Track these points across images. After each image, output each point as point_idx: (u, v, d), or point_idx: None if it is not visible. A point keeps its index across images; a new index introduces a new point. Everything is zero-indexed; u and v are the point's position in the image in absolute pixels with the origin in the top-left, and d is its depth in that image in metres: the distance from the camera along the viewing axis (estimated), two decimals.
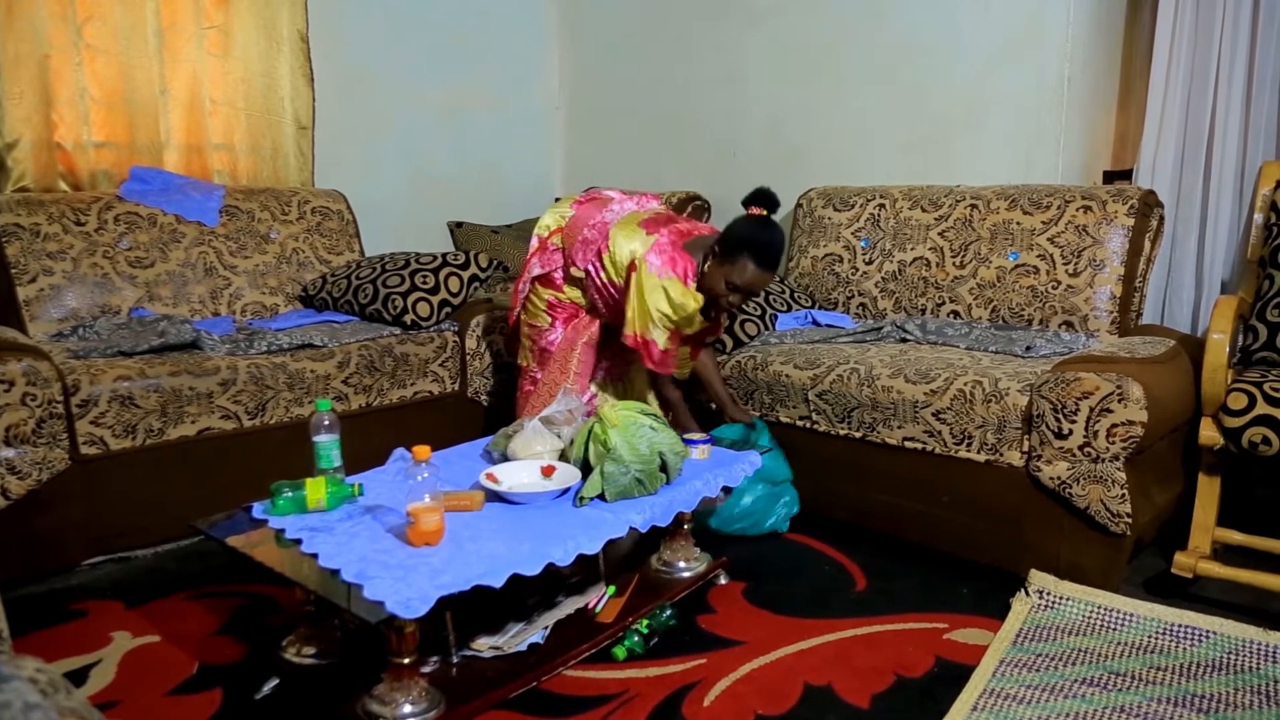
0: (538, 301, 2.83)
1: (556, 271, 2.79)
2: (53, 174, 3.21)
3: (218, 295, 3.30)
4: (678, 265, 2.57)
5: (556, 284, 2.79)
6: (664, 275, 2.55)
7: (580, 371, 2.78)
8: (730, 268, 2.50)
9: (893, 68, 3.59)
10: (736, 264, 2.48)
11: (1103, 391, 2.22)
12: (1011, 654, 2.05)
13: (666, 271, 2.55)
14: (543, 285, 2.82)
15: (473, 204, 4.43)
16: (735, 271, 2.49)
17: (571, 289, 2.80)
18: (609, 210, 2.76)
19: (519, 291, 2.88)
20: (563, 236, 2.80)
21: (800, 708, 1.88)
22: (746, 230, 2.50)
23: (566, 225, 2.80)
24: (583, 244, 2.71)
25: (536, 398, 2.81)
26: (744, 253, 2.47)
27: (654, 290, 2.55)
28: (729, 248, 2.51)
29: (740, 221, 2.53)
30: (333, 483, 2.00)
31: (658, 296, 2.55)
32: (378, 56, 4.06)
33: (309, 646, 1.98)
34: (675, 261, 2.57)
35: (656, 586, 2.30)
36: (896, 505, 2.62)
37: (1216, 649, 2.06)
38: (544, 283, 2.81)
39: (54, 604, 2.33)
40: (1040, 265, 2.96)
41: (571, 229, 2.77)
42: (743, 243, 2.49)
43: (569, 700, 1.90)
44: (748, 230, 2.50)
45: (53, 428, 2.40)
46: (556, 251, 2.80)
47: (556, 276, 2.79)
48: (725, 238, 2.54)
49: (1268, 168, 2.77)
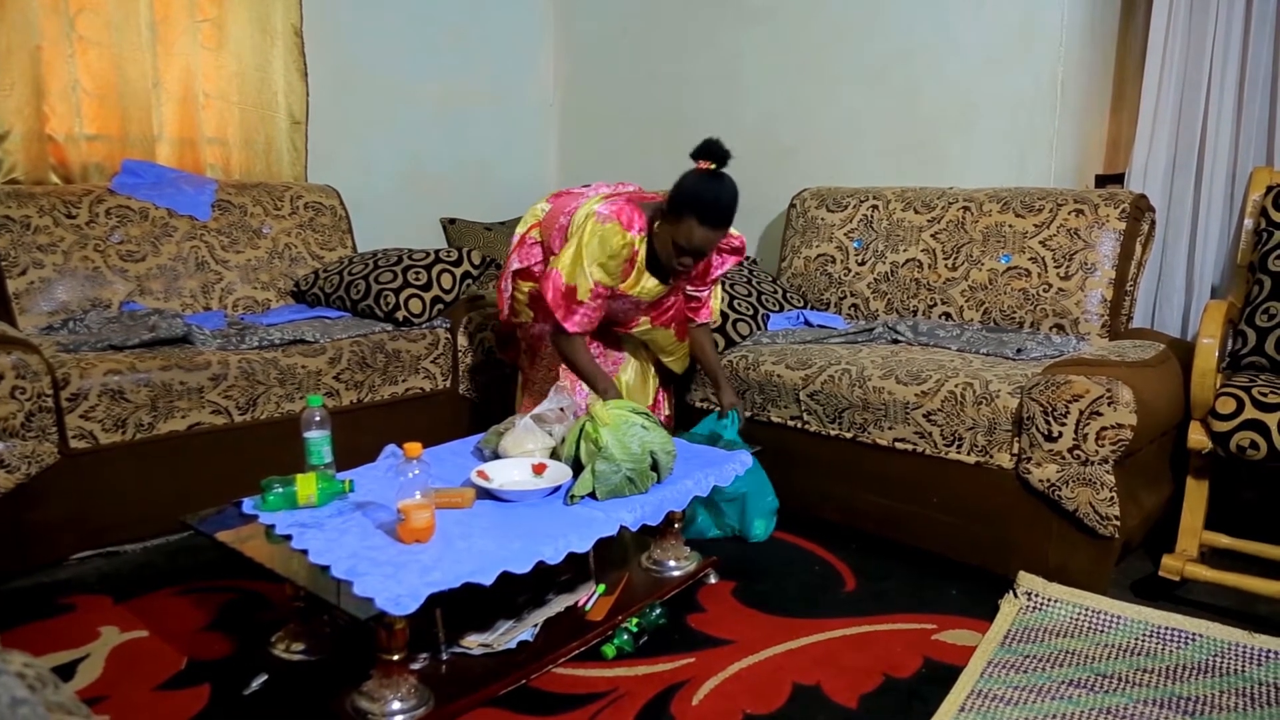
0: (520, 297, 2.81)
1: (535, 265, 2.77)
2: (44, 166, 3.19)
3: (209, 290, 3.29)
4: (623, 214, 2.45)
5: (535, 276, 2.77)
6: (606, 223, 2.44)
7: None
8: (676, 228, 2.36)
9: (886, 69, 3.59)
10: (682, 224, 2.34)
11: (1092, 395, 2.23)
12: (999, 655, 2.06)
13: (609, 219, 2.44)
14: (523, 279, 2.80)
15: (466, 201, 4.42)
16: (681, 232, 2.35)
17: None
18: (584, 198, 2.70)
19: (502, 290, 2.85)
20: (540, 230, 2.77)
21: (788, 707, 1.88)
22: (693, 187, 2.34)
23: (544, 218, 2.77)
24: (559, 232, 2.65)
25: (528, 396, 2.80)
26: (689, 212, 2.33)
27: (591, 234, 2.44)
28: (675, 206, 2.36)
29: (689, 177, 2.36)
30: (323, 479, 2.00)
31: (594, 242, 2.43)
32: (372, 52, 4.05)
33: (298, 642, 1.98)
34: (622, 211, 2.46)
35: (646, 585, 2.30)
36: (886, 506, 2.63)
37: (1203, 652, 2.07)
38: (523, 276, 2.79)
39: (42, 598, 2.32)
40: (1032, 268, 2.97)
41: (548, 220, 2.73)
42: (688, 201, 2.33)
43: (558, 698, 1.90)
44: (694, 187, 2.33)
45: (42, 421, 2.39)
46: (535, 245, 2.78)
47: (536, 270, 2.77)
48: (672, 195, 2.38)
49: (1258, 174, 2.78)
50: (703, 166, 2.35)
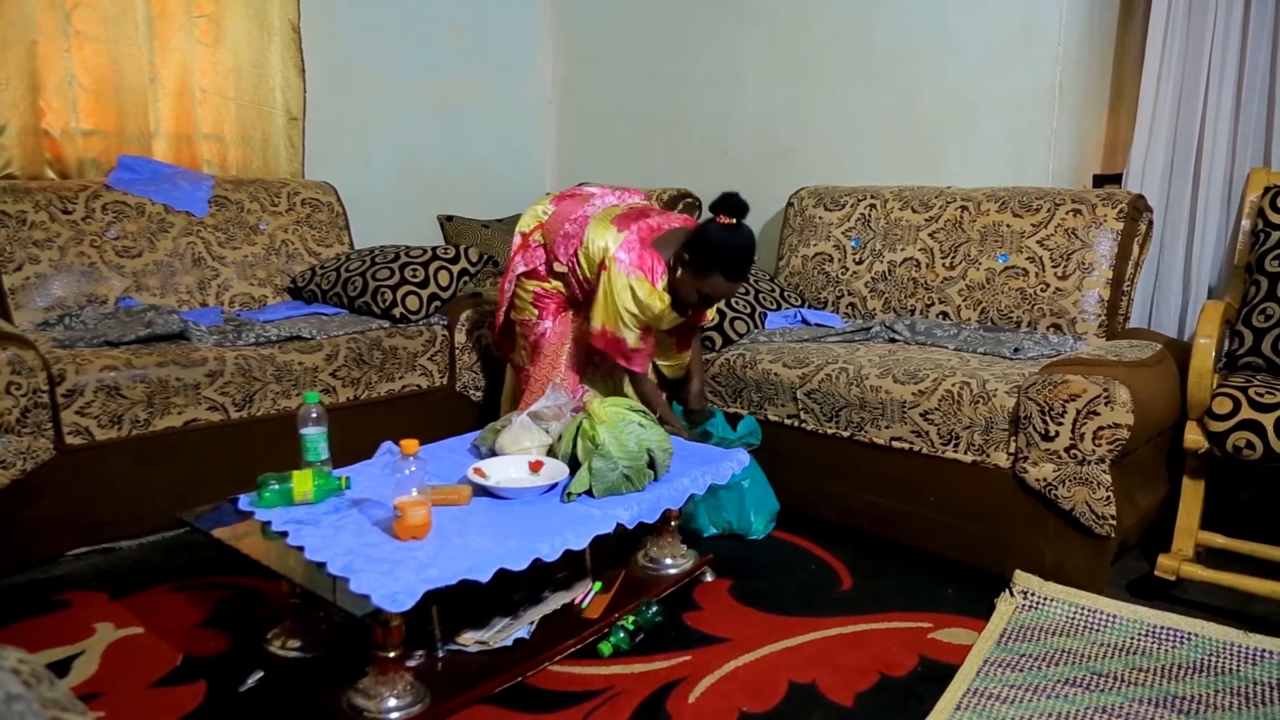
0: (524, 295, 2.83)
1: (540, 267, 2.79)
2: (40, 161, 3.18)
3: (206, 286, 3.28)
4: (645, 263, 2.53)
5: (541, 276, 2.79)
6: (632, 275, 2.52)
7: (570, 366, 2.78)
8: (702, 281, 2.47)
9: (885, 69, 3.59)
10: (709, 279, 2.46)
11: (1090, 394, 2.23)
12: (995, 654, 2.06)
13: (635, 271, 2.52)
14: (527, 279, 2.81)
15: (463, 198, 4.42)
16: (707, 285, 2.47)
17: (556, 280, 2.79)
18: (590, 205, 2.74)
19: (504, 290, 2.87)
20: (544, 232, 2.79)
21: (784, 705, 1.88)
22: (718, 243, 2.44)
23: (547, 221, 2.79)
24: (564, 239, 2.70)
25: (530, 394, 2.80)
26: (716, 268, 2.44)
27: (622, 289, 2.52)
28: (701, 260, 2.46)
29: (714, 230, 2.45)
30: (320, 476, 2.00)
31: (626, 296, 2.52)
32: (370, 48, 4.05)
33: (294, 639, 1.97)
34: (644, 259, 2.53)
35: (643, 583, 2.30)
36: (883, 505, 2.63)
37: (1198, 651, 2.07)
38: (529, 277, 2.81)
39: (37, 594, 2.32)
40: (1029, 268, 2.98)
41: (553, 225, 2.76)
42: (714, 258, 2.44)
43: (554, 696, 1.90)
44: (719, 243, 2.44)
45: (37, 417, 2.38)
46: (539, 248, 2.80)
47: (541, 271, 2.79)
48: (697, 248, 2.47)
49: (1256, 174, 2.79)
50: (724, 221, 2.44)
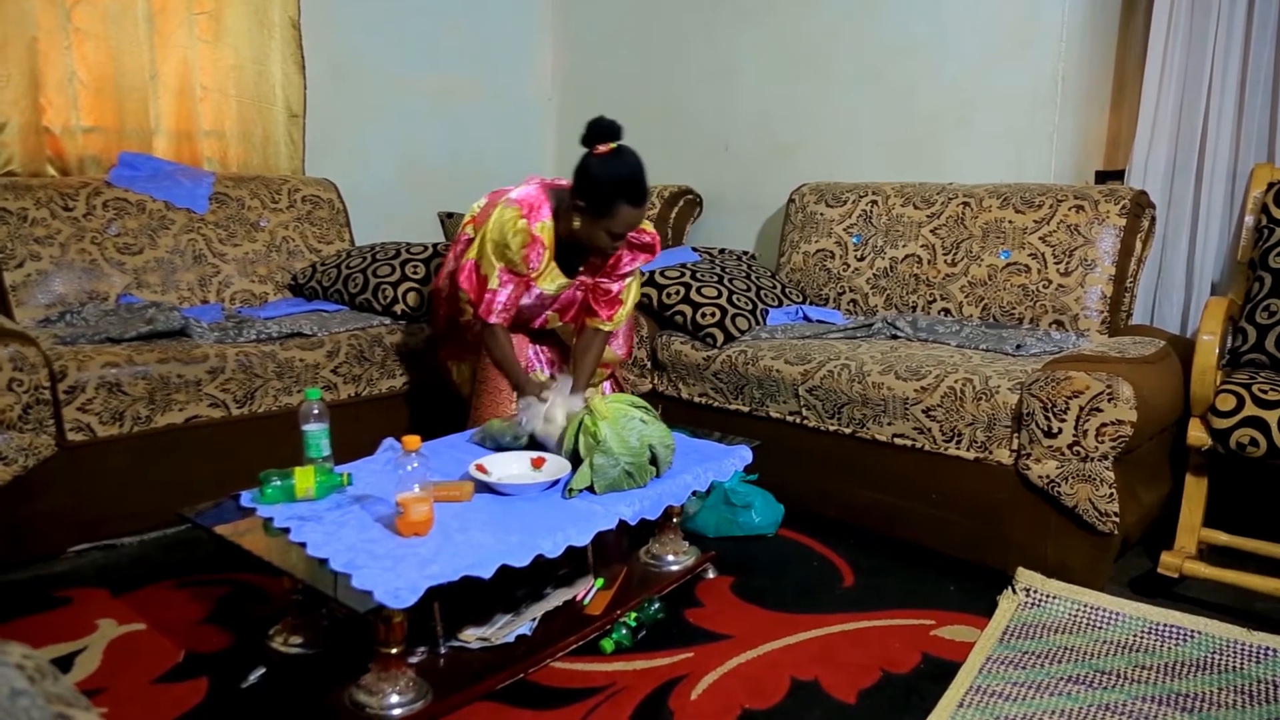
0: (462, 295, 2.68)
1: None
2: (40, 158, 3.18)
3: (206, 283, 3.28)
4: (526, 199, 2.44)
5: None
6: (508, 205, 2.42)
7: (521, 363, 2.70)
8: (610, 220, 2.34)
9: (886, 65, 3.59)
10: (616, 215, 2.33)
11: (1092, 391, 2.22)
12: (998, 651, 2.06)
13: (510, 202, 2.43)
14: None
15: (464, 194, 4.37)
16: (615, 222, 2.35)
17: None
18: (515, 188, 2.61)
19: (440, 290, 2.78)
20: (474, 225, 2.69)
21: (787, 702, 1.88)
22: (610, 174, 2.32)
23: (478, 215, 2.71)
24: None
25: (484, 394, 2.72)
26: (619, 199, 2.31)
27: (494, 221, 2.43)
28: (599, 199, 2.33)
29: (596, 164, 2.32)
30: (321, 472, 1.99)
31: (494, 225, 2.43)
32: (370, 45, 4.04)
33: (296, 636, 1.97)
34: (526, 198, 2.44)
35: (645, 580, 2.30)
36: (885, 502, 2.63)
37: (1201, 648, 2.07)
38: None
39: (39, 591, 2.32)
40: (1031, 264, 2.97)
41: (482, 215, 2.66)
42: (613, 190, 2.31)
43: (556, 692, 1.90)
44: (611, 173, 2.32)
45: (39, 414, 2.38)
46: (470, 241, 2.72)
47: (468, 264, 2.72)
48: (588, 190, 2.33)
49: (1259, 170, 2.78)
50: (604, 150, 2.33)
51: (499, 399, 2.67)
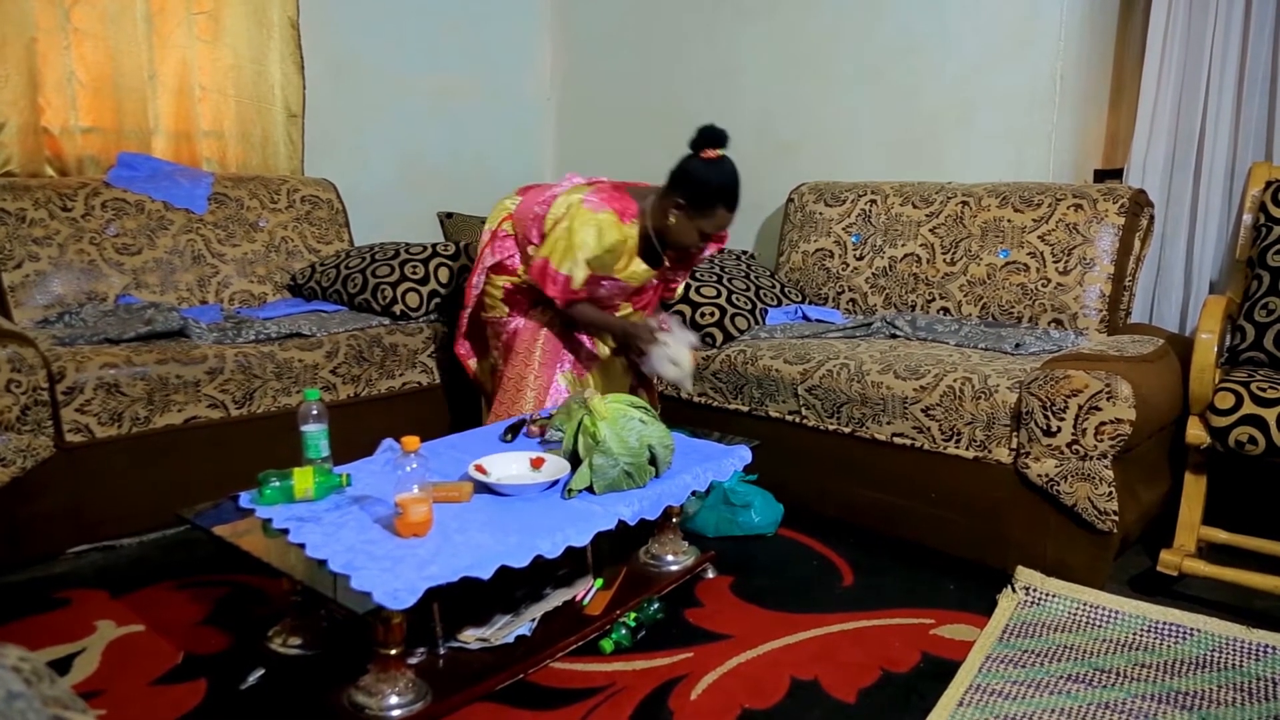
0: (494, 292, 2.80)
1: (510, 258, 2.76)
2: (39, 159, 3.17)
3: (205, 283, 3.28)
4: (615, 203, 2.53)
5: (511, 270, 2.76)
6: (600, 210, 2.51)
7: (546, 361, 2.75)
8: (705, 220, 2.48)
9: (885, 64, 3.59)
10: (714, 215, 2.48)
11: (1091, 389, 2.22)
12: (998, 650, 2.06)
13: (602, 207, 2.51)
14: (496, 274, 2.79)
15: (463, 194, 4.41)
16: (711, 222, 2.49)
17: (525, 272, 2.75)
18: (558, 188, 2.71)
19: (473, 286, 2.83)
20: (513, 222, 2.76)
21: (786, 702, 1.88)
22: (714, 177, 2.45)
23: (516, 210, 2.77)
24: (534, 221, 2.66)
25: (504, 393, 2.76)
26: (718, 202, 2.46)
27: (585, 225, 2.50)
28: (700, 199, 2.46)
29: (702, 167, 2.45)
30: (320, 473, 1.99)
31: (588, 231, 2.49)
32: (369, 45, 4.04)
33: (295, 637, 1.97)
34: (613, 199, 2.54)
35: (644, 580, 2.30)
36: (884, 501, 2.63)
37: (1201, 646, 2.07)
38: (498, 271, 2.78)
39: (38, 592, 2.31)
40: (1030, 263, 2.97)
41: (522, 212, 2.73)
42: (716, 192, 2.45)
43: (556, 693, 1.90)
44: (716, 177, 2.45)
45: (37, 415, 2.38)
46: (508, 238, 2.77)
47: (510, 263, 2.76)
48: (691, 188, 2.46)
49: (1257, 169, 2.78)
50: (711, 155, 2.44)
51: (519, 398, 2.72)
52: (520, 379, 2.72)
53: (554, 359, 2.75)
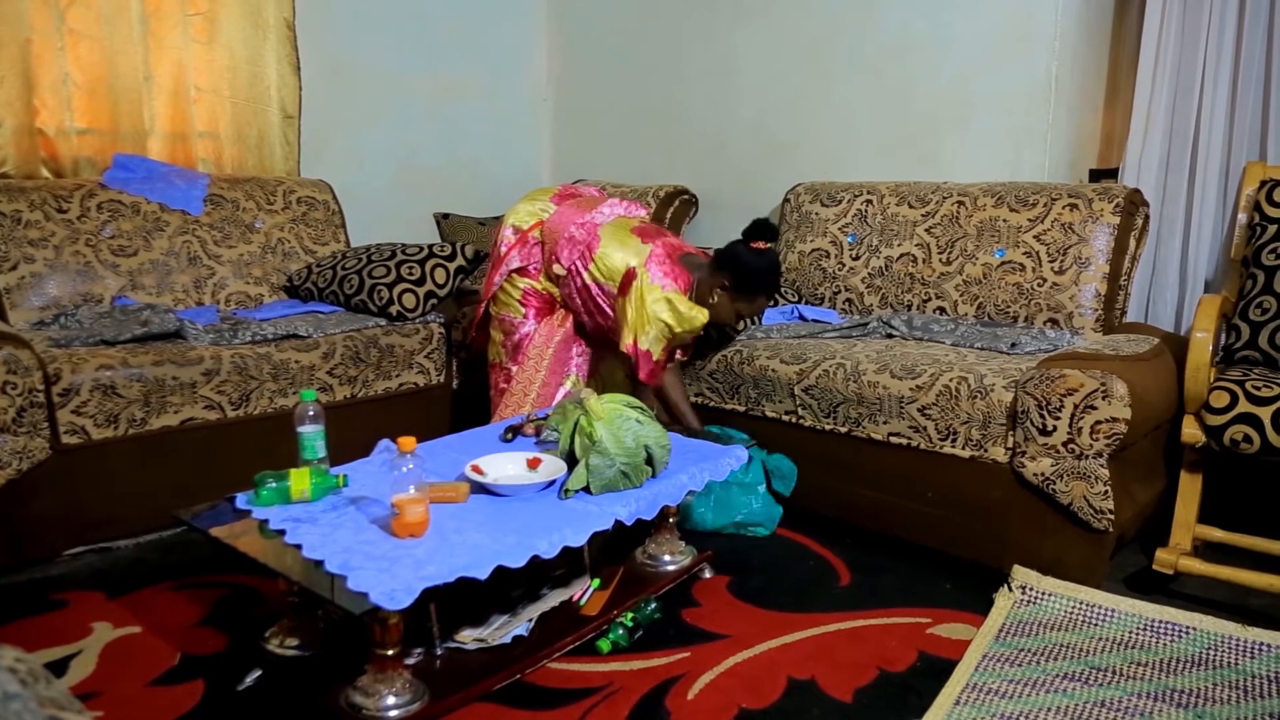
0: (511, 291, 2.83)
1: (533, 266, 2.79)
2: (34, 160, 3.17)
3: (202, 284, 3.27)
4: (679, 279, 2.64)
5: (532, 275, 2.79)
6: (669, 288, 2.61)
7: (554, 368, 2.77)
8: (747, 304, 2.71)
9: (881, 64, 3.59)
10: (755, 302, 2.71)
11: (1087, 389, 2.23)
12: (994, 649, 2.06)
13: (670, 284, 2.62)
14: (519, 276, 2.81)
15: (459, 195, 4.41)
16: (753, 307, 2.74)
17: (547, 280, 2.79)
18: (597, 212, 2.76)
19: (493, 283, 2.86)
20: (543, 231, 2.79)
21: (783, 701, 1.89)
22: (764, 269, 2.64)
23: (549, 221, 2.79)
24: (568, 242, 2.70)
25: (510, 395, 2.79)
26: (761, 291, 2.68)
27: (657, 301, 2.59)
28: (746, 285, 2.64)
29: (752, 256, 2.62)
30: (317, 474, 1.99)
31: (661, 307, 2.59)
32: (365, 46, 4.04)
33: (292, 638, 1.97)
34: (677, 275, 2.64)
35: (641, 580, 2.30)
36: (881, 500, 2.63)
37: (1196, 645, 2.07)
38: (520, 274, 2.81)
39: (34, 594, 2.31)
40: (1026, 262, 2.98)
41: (556, 226, 2.76)
42: (761, 282, 2.65)
43: (553, 693, 1.90)
44: (765, 269, 2.64)
45: (33, 417, 2.37)
46: (537, 245, 2.80)
47: (532, 269, 2.79)
48: (740, 274, 2.63)
49: (1251, 168, 2.78)
50: (761, 247, 2.63)
51: (525, 401, 2.78)
52: (529, 383, 2.75)
53: (563, 364, 2.79)
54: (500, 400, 2.84)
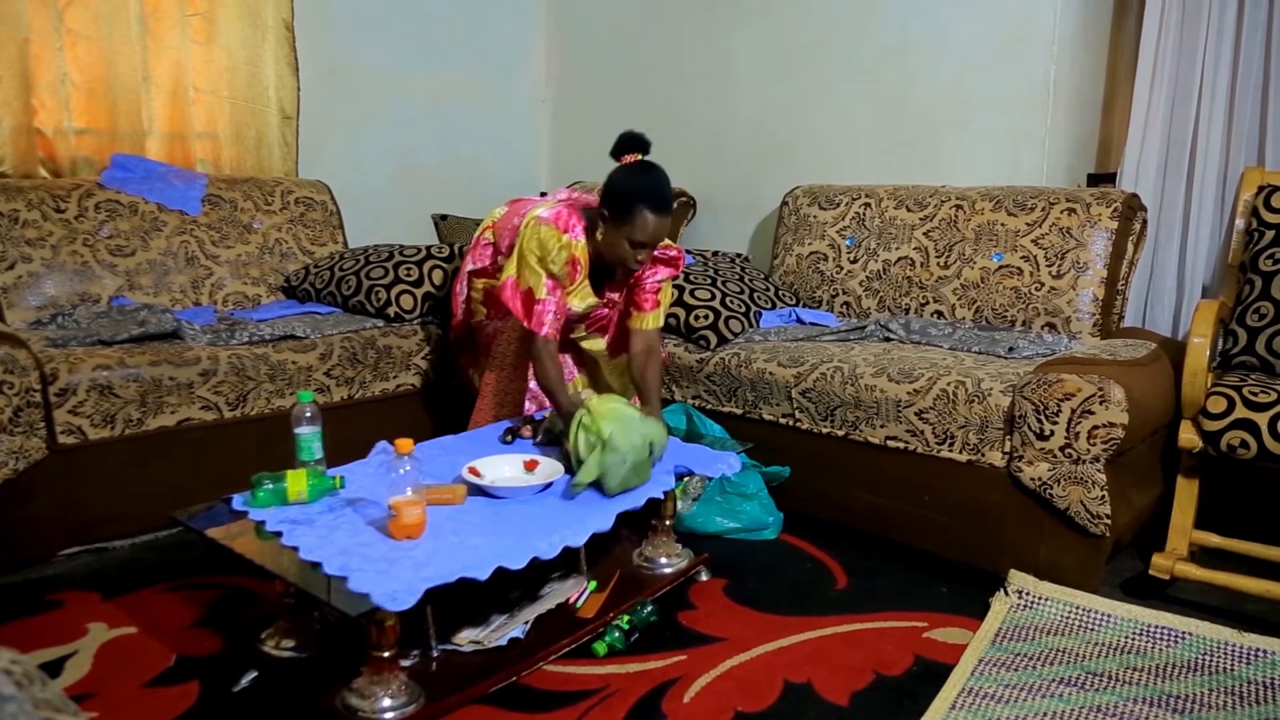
0: (476, 296, 2.84)
1: (488, 264, 2.81)
2: (32, 160, 3.16)
3: (199, 285, 3.27)
4: (560, 219, 2.46)
5: (489, 273, 2.79)
6: (542, 224, 2.45)
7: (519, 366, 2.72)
8: (630, 226, 2.35)
9: (880, 67, 3.59)
10: (635, 220, 2.34)
11: (1084, 393, 2.23)
12: (990, 653, 2.06)
13: (547, 221, 2.45)
14: (477, 278, 2.83)
15: (458, 196, 4.41)
16: (636, 229, 2.35)
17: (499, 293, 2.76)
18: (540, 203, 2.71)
19: (457, 294, 2.86)
20: (494, 230, 2.80)
21: (780, 705, 1.88)
22: (631, 181, 2.35)
23: (498, 220, 2.81)
24: (510, 232, 2.67)
25: (482, 399, 2.75)
26: (638, 204, 2.32)
27: (531, 236, 2.45)
28: (619, 206, 2.35)
29: (620, 174, 2.38)
30: (314, 475, 1.99)
31: (531, 240, 2.44)
32: (363, 46, 4.04)
33: (288, 639, 1.97)
34: (560, 215, 2.47)
35: (638, 582, 2.30)
36: (878, 504, 2.63)
37: (1192, 650, 2.07)
38: (478, 275, 2.83)
39: (30, 594, 2.31)
40: (1024, 267, 2.98)
41: (503, 222, 2.78)
42: (634, 195, 2.33)
43: (549, 695, 1.90)
44: (632, 180, 2.35)
45: (30, 416, 2.37)
46: (488, 245, 2.81)
47: (489, 269, 2.80)
48: (611, 196, 2.37)
49: (1249, 173, 2.79)
50: (630, 160, 2.38)
51: (504, 401, 2.73)
52: (499, 387, 2.71)
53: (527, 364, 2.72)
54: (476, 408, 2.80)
